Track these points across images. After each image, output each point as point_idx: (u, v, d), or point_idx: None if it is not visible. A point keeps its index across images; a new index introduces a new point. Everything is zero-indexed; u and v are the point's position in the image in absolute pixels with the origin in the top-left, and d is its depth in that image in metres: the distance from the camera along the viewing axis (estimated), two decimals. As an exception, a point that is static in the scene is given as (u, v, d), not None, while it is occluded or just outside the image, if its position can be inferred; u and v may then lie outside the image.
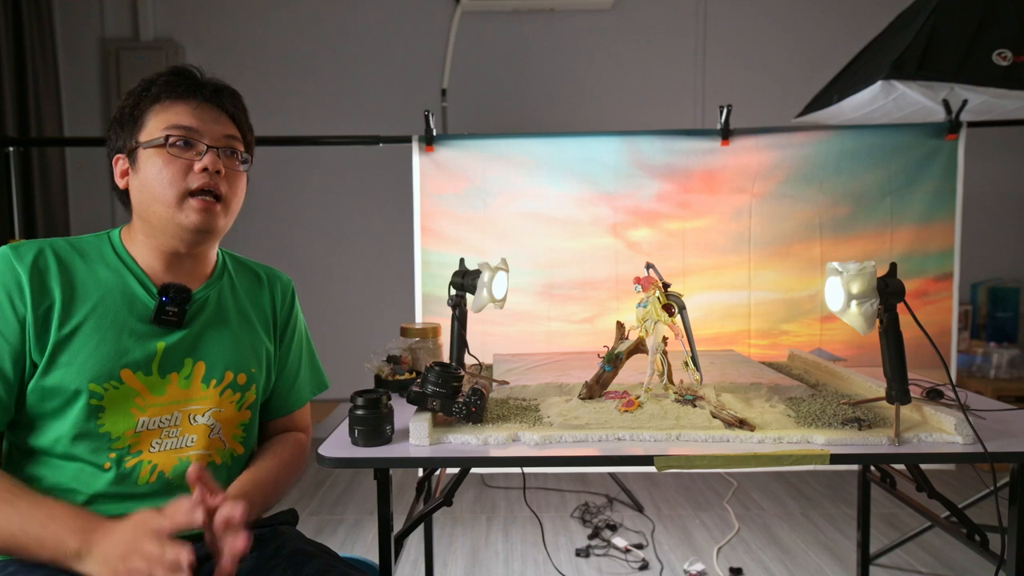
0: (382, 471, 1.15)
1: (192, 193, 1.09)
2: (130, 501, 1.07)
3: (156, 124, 1.10)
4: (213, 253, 1.23)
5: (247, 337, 1.21)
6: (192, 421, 1.13)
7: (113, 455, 1.07)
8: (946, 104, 2.29)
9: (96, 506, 1.05)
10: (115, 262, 1.13)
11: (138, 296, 1.11)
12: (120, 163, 1.14)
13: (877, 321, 1.12)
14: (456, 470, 1.22)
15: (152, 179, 1.09)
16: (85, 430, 1.05)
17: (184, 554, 0.87)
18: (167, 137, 1.09)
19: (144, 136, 1.10)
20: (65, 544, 0.93)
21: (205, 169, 1.09)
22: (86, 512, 0.99)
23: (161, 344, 1.11)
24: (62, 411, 1.05)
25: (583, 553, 2.47)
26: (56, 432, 1.05)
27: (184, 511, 0.92)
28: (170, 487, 1.10)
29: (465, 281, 1.45)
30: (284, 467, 1.23)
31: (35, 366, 1.04)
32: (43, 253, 1.08)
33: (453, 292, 1.48)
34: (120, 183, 1.14)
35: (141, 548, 0.89)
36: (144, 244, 1.14)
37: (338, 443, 1.15)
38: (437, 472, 1.73)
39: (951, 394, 1.24)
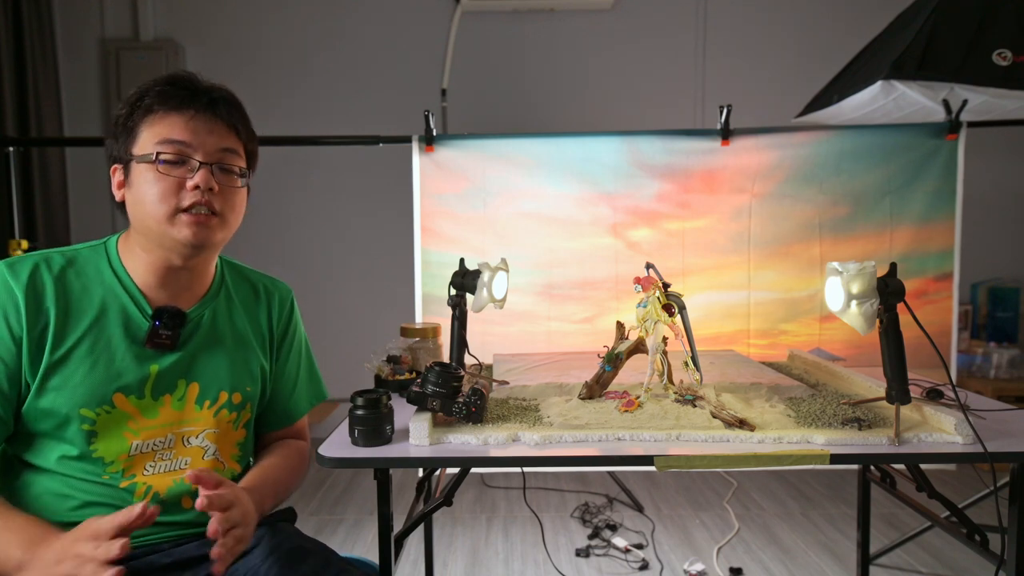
0: (382, 471, 1.15)
1: (184, 210, 1.06)
2: None
3: (148, 137, 1.06)
4: (211, 268, 1.20)
5: (242, 356, 1.19)
6: (186, 443, 1.13)
7: (107, 477, 1.06)
8: (946, 104, 2.29)
9: (89, 510, 1.04)
10: (110, 278, 1.11)
11: (132, 317, 1.10)
12: (116, 174, 1.11)
13: (877, 321, 1.12)
14: (456, 470, 1.22)
15: (144, 195, 1.06)
16: (79, 454, 1.05)
17: (115, 548, 0.86)
18: (157, 154, 1.05)
19: (137, 149, 1.07)
20: (9, 555, 0.93)
21: (197, 186, 1.06)
22: (40, 524, 0.97)
23: (154, 367, 1.10)
24: (56, 434, 1.05)
25: (583, 553, 2.47)
26: (50, 453, 1.05)
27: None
28: (165, 507, 1.09)
29: (465, 281, 1.45)
30: (289, 468, 1.23)
31: (29, 386, 1.03)
32: (39, 271, 1.06)
33: (453, 292, 1.48)
34: (116, 195, 1.11)
35: (74, 550, 0.89)
36: (141, 257, 1.11)
37: (338, 443, 1.15)
38: (437, 472, 1.73)
39: (951, 394, 1.24)
